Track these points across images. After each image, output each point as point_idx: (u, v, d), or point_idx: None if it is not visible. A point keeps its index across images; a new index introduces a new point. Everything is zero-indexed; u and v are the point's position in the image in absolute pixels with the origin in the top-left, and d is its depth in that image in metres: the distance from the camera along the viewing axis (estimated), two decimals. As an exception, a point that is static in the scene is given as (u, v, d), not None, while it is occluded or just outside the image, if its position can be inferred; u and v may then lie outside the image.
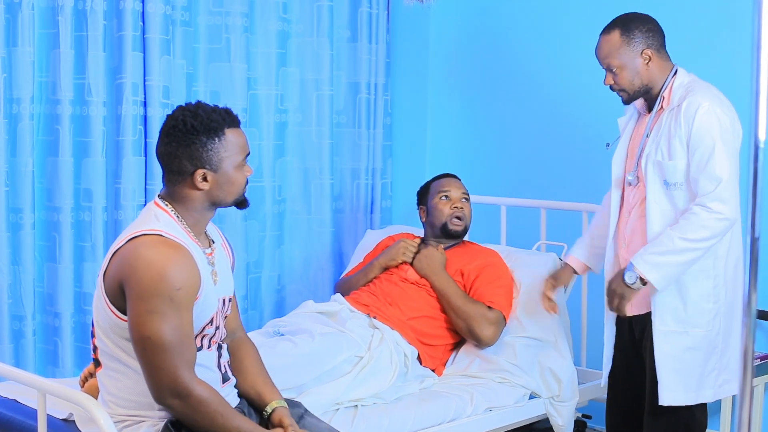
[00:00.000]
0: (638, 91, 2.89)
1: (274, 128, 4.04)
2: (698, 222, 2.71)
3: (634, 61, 2.85)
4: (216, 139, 2.22)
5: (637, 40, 2.85)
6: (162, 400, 2.15)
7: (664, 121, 2.84)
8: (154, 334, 2.10)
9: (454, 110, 4.46)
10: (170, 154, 2.22)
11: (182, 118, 2.21)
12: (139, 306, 2.11)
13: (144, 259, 2.12)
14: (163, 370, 2.12)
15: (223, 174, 2.24)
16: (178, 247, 2.17)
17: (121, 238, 2.21)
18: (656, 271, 2.76)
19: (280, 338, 3.14)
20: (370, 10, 4.26)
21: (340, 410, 2.92)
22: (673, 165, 2.79)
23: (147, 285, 2.10)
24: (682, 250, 2.74)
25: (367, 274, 3.57)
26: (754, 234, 1.40)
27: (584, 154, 3.91)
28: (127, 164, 3.52)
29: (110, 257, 2.20)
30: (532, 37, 4.17)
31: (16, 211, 3.37)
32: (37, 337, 3.47)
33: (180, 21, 3.68)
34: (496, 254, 3.58)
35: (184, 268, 2.15)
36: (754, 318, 1.43)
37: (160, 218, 2.23)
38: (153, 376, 2.13)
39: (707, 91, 2.80)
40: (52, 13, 3.41)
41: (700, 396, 2.88)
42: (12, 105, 3.33)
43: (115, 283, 2.16)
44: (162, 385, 2.13)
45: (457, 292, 3.38)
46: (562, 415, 3.32)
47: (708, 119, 2.73)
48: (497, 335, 3.34)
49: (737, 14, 3.50)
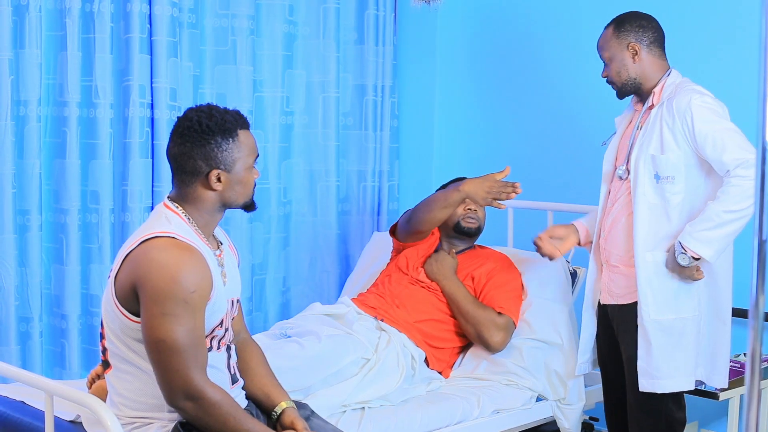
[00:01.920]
0: (625, 83, 3.00)
1: (280, 130, 4.05)
2: (740, 192, 2.75)
3: (621, 54, 2.98)
4: (230, 140, 2.23)
5: (625, 34, 2.97)
6: (174, 403, 2.15)
7: (653, 116, 2.93)
8: (168, 337, 2.10)
9: (462, 112, 4.46)
10: (184, 154, 2.22)
11: (197, 119, 2.22)
12: (153, 309, 2.11)
13: (158, 262, 2.12)
14: (176, 372, 2.12)
15: (236, 174, 2.25)
16: (190, 249, 2.17)
17: (133, 240, 2.21)
18: (709, 247, 2.80)
19: (287, 340, 3.14)
20: (377, 12, 4.27)
21: (347, 412, 2.91)
22: (665, 158, 2.86)
23: (161, 288, 2.10)
24: (731, 221, 2.78)
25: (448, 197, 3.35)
26: (761, 236, 1.40)
27: (591, 157, 3.90)
28: (134, 166, 3.53)
29: (122, 260, 2.20)
30: (539, 39, 4.16)
31: (23, 213, 3.38)
32: (44, 338, 3.48)
33: (187, 23, 3.69)
34: (506, 258, 3.58)
35: (198, 270, 2.16)
36: (761, 320, 1.43)
37: (171, 220, 2.23)
38: (166, 378, 2.13)
39: (693, 88, 2.90)
40: (60, 15, 3.42)
41: (679, 384, 2.93)
42: (19, 107, 3.34)
43: (128, 285, 2.16)
44: (175, 387, 2.13)
45: (467, 297, 3.38)
46: (568, 418, 3.32)
47: (703, 107, 2.82)
48: (506, 341, 3.33)
49: (743, 17, 3.50)
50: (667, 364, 2.91)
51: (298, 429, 2.32)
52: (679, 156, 2.85)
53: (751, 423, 1.44)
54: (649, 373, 2.92)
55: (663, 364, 2.91)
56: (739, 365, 3.29)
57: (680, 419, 3.01)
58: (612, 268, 3.05)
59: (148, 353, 2.15)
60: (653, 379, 2.92)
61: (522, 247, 3.86)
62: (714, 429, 3.70)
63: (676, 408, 3.00)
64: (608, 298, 3.08)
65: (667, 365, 2.91)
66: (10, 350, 3.34)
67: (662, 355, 2.91)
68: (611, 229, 3.04)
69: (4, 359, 3.26)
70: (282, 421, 2.37)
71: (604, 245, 3.07)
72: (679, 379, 2.93)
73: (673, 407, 2.98)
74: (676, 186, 2.86)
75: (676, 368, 2.91)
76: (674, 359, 2.91)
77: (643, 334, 2.93)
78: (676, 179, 2.86)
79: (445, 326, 3.39)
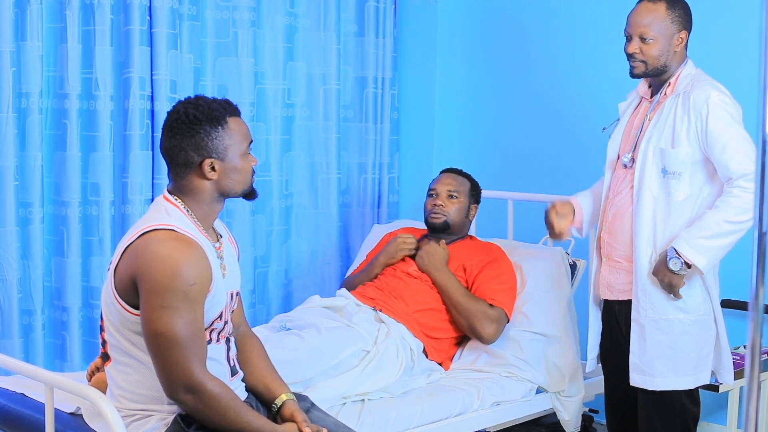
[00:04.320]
0: (658, 68, 2.87)
1: (281, 122, 4.05)
2: (741, 205, 2.72)
3: (670, 39, 2.84)
4: (219, 128, 2.23)
5: (679, 18, 2.84)
6: (174, 395, 2.15)
7: (667, 107, 2.85)
8: (168, 329, 2.10)
9: (462, 104, 4.46)
10: (175, 147, 2.23)
11: (183, 110, 2.23)
12: (153, 301, 2.11)
13: (157, 255, 2.12)
14: (176, 365, 2.12)
15: (230, 162, 2.25)
16: (190, 242, 2.17)
17: (132, 233, 2.21)
18: (703, 256, 2.76)
19: (286, 333, 3.15)
20: (377, 4, 4.26)
21: (347, 404, 2.92)
22: (675, 153, 2.80)
23: (161, 281, 2.10)
24: (729, 232, 2.75)
25: (369, 273, 3.57)
26: (761, 229, 1.40)
27: (591, 149, 3.90)
28: (135, 158, 3.53)
29: (121, 252, 2.20)
30: (539, 32, 4.16)
31: (25, 206, 3.38)
32: (46, 331, 3.48)
33: (187, 15, 3.68)
34: (499, 249, 3.57)
35: (197, 263, 2.16)
36: (761, 313, 1.43)
37: (171, 213, 2.23)
38: (166, 371, 2.13)
39: (712, 83, 2.82)
40: (60, 7, 3.42)
41: (688, 381, 2.89)
42: (21, 99, 3.34)
43: (127, 278, 2.16)
44: (175, 380, 2.13)
45: (459, 289, 3.38)
46: (568, 409, 3.32)
47: (721, 107, 2.75)
48: (498, 333, 3.33)
49: (744, 10, 3.49)
50: (662, 363, 2.87)
51: (298, 421, 2.32)
52: (688, 153, 2.79)
53: (751, 415, 1.44)
54: (641, 369, 2.89)
55: (657, 362, 2.87)
56: (738, 357, 3.29)
57: (694, 414, 2.95)
58: (613, 263, 2.99)
59: (147, 346, 2.15)
60: (645, 376, 2.89)
61: (522, 239, 3.87)
62: (714, 421, 3.70)
63: (690, 403, 2.94)
64: (607, 293, 3.03)
65: (662, 364, 2.87)
66: (13, 343, 3.35)
67: (657, 353, 2.87)
68: (614, 222, 2.97)
69: (7, 352, 3.26)
70: (282, 414, 2.37)
71: (607, 239, 3.00)
72: (672, 379, 2.88)
73: (687, 401, 2.92)
74: (681, 183, 2.80)
75: (672, 367, 2.87)
76: (670, 358, 2.87)
77: (637, 331, 2.89)
78: (682, 176, 2.80)
79: (442, 315, 3.39)
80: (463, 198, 3.60)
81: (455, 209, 3.58)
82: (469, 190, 3.64)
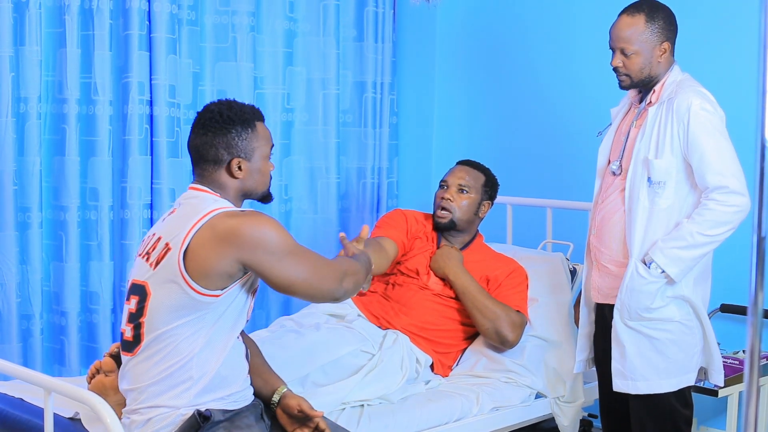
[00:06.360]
0: (643, 80, 2.88)
1: (281, 127, 4.05)
2: (714, 218, 2.74)
3: (651, 51, 2.84)
4: (249, 130, 2.34)
5: (659, 30, 2.84)
6: (336, 294, 2.34)
7: (651, 116, 2.85)
8: (306, 260, 2.29)
9: (461, 109, 4.46)
10: (206, 143, 2.31)
11: (217, 110, 2.33)
12: (272, 260, 2.23)
13: (250, 224, 2.22)
14: (324, 269, 2.31)
15: (255, 163, 2.36)
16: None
17: (195, 217, 2.23)
18: (676, 265, 2.79)
19: (285, 330, 3.14)
20: (376, 9, 4.26)
21: (346, 410, 2.91)
22: (659, 164, 2.81)
23: (275, 240, 2.24)
24: (702, 244, 2.77)
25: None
26: (760, 233, 1.40)
27: (591, 154, 3.90)
28: (134, 163, 3.53)
29: (190, 238, 2.20)
30: (538, 37, 4.16)
31: (24, 210, 3.37)
32: (44, 336, 3.48)
33: (186, 20, 3.69)
34: (517, 262, 3.52)
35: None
36: (761, 317, 1.43)
37: (217, 200, 2.30)
38: (320, 282, 2.30)
39: (695, 89, 2.82)
40: (59, 12, 3.42)
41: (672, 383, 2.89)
42: (20, 104, 3.34)
43: (216, 260, 2.18)
44: (327, 285, 2.32)
45: (482, 291, 3.33)
46: (567, 415, 3.31)
47: (702, 115, 2.75)
48: (519, 339, 3.32)
49: (742, 13, 3.49)
50: (644, 366, 2.87)
51: (305, 409, 2.39)
52: (671, 162, 2.80)
53: (750, 420, 1.44)
54: (623, 374, 2.89)
55: (639, 366, 2.87)
56: (737, 362, 3.29)
57: (686, 417, 2.95)
58: (602, 267, 3.00)
59: (292, 292, 2.30)
60: (627, 380, 2.89)
61: (521, 244, 3.87)
62: (713, 426, 3.70)
63: (681, 405, 2.94)
64: (598, 297, 3.04)
65: (644, 367, 2.87)
66: (12, 348, 3.34)
67: (638, 357, 2.87)
68: (601, 226, 2.98)
69: (5, 357, 3.26)
70: (286, 404, 2.42)
71: (595, 243, 3.01)
72: (655, 382, 2.88)
73: (678, 405, 2.92)
74: (666, 191, 2.81)
75: (654, 370, 2.87)
76: (651, 361, 2.87)
77: (618, 336, 2.90)
78: (667, 185, 2.81)
79: (452, 334, 3.36)
80: (474, 193, 3.49)
81: (464, 205, 3.47)
82: (482, 185, 3.52)
